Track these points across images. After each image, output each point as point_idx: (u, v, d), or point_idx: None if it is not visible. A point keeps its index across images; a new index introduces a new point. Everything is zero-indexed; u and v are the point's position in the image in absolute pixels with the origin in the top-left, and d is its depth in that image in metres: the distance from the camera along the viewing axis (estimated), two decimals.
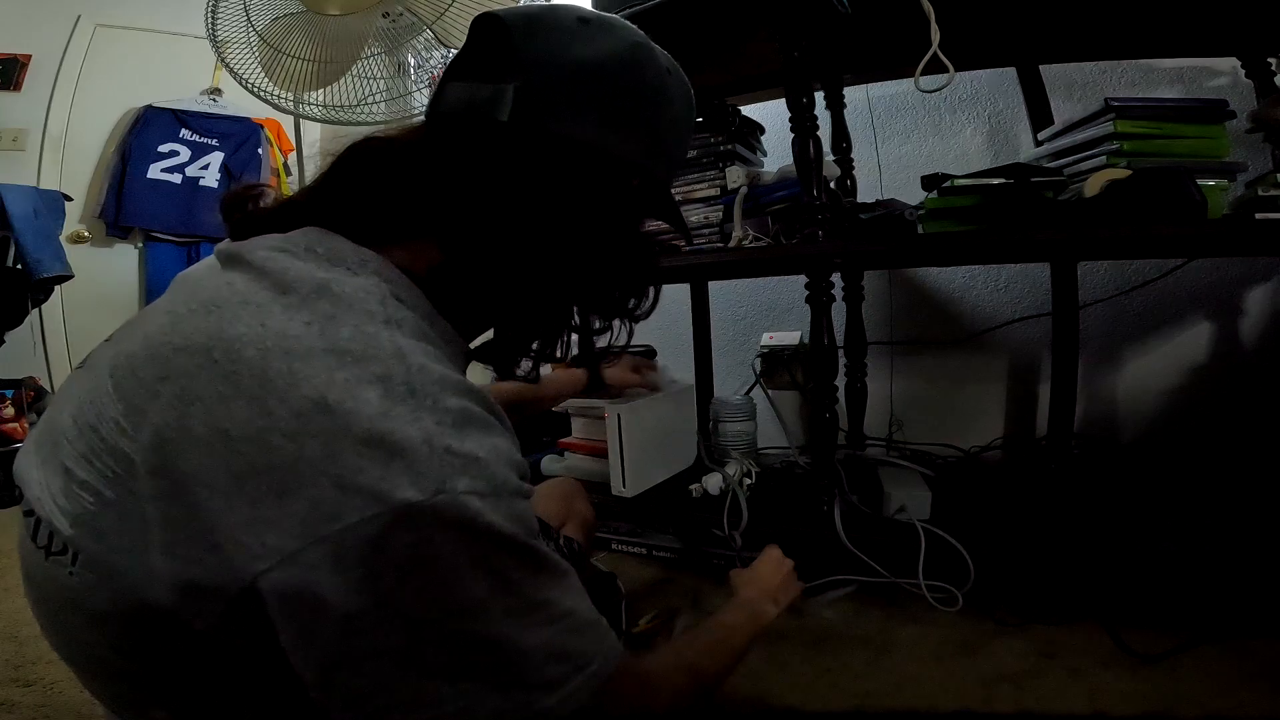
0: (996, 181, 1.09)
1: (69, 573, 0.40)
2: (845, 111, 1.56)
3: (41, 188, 2.30)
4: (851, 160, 1.58)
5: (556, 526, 0.91)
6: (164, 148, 2.55)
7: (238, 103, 2.55)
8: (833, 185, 1.37)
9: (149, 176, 2.52)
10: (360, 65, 1.32)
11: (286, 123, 2.48)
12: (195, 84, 2.63)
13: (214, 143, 2.61)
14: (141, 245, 2.58)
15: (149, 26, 2.56)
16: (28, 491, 0.44)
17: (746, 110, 1.43)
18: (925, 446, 1.55)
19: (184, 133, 2.59)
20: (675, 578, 1.24)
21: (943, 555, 1.03)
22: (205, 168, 2.59)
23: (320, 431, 0.37)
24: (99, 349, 0.49)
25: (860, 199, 1.52)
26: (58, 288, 2.23)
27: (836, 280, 1.16)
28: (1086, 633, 0.92)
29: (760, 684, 0.89)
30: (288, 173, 2.70)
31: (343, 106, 1.35)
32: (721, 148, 1.33)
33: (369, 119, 1.38)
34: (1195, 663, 0.85)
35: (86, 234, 2.51)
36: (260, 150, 2.68)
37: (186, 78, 2.60)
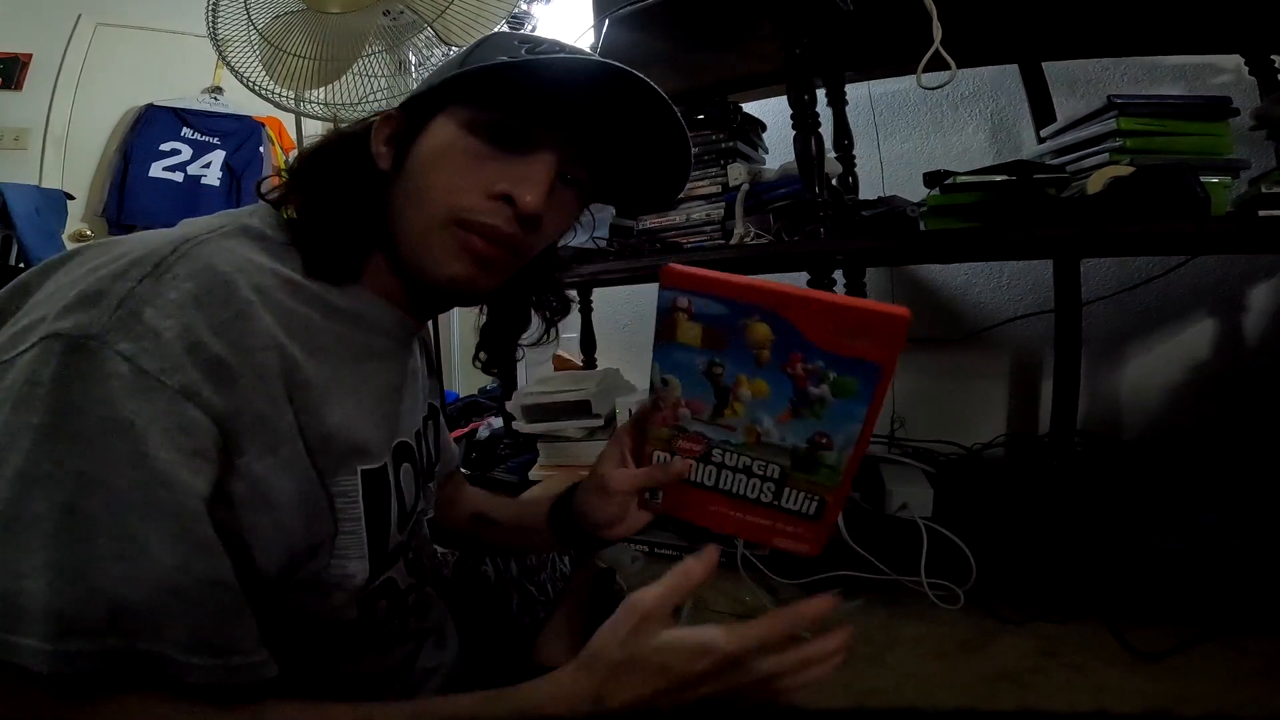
0: (999, 178, 1.09)
1: None
2: (847, 108, 1.56)
3: (43, 186, 2.30)
4: (853, 157, 1.57)
5: None
6: (165, 146, 2.55)
7: (239, 101, 2.55)
8: (834, 182, 1.37)
9: (150, 175, 2.52)
10: (361, 63, 1.32)
11: (288, 121, 2.48)
12: (196, 83, 2.63)
13: (215, 141, 2.61)
14: None
15: (150, 25, 2.56)
16: None
17: (748, 107, 1.43)
18: (927, 444, 1.55)
19: (185, 131, 2.59)
20: None
21: (945, 553, 1.03)
22: (207, 166, 2.59)
23: (72, 284, 0.39)
24: None
25: (862, 196, 1.52)
26: None
27: (838, 277, 1.16)
28: (1089, 630, 0.92)
29: None
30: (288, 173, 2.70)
31: (344, 104, 1.35)
32: (723, 145, 1.33)
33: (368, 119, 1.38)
34: (1197, 660, 0.84)
35: (89, 232, 2.51)
36: (262, 149, 2.68)
37: (188, 76, 2.60)
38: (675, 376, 0.48)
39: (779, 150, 1.46)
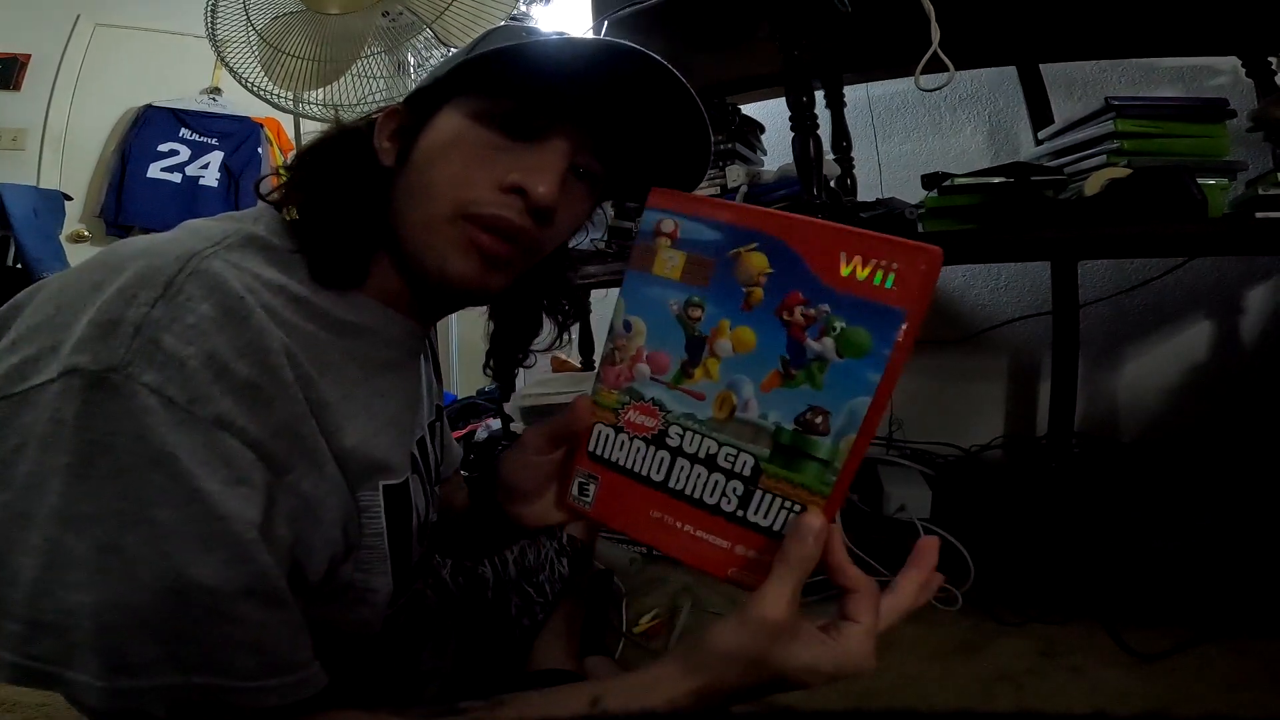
0: (997, 180, 1.09)
1: None
2: (845, 110, 1.56)
3: (41, 187, 2.30)
4: (852, 159, 1.57)
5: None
6: (164, 147, 2.55)
7: (237, 102, 2.55)
8: (833, 184, 1.37)
9: (149, 176, 2.52)
10: (360, 64, 1.32)
11: (286, 122, 2.47)
12: (195, 83, 2.63)
13: (214, 142, 2.61)
14: None
15: (149, 26, 2.56)
16: None
17: (746, 109, 1.43)
18: (925, 445, 1.55)
19: (184, 132, 2.59)
20: (676, 577, 1.24)
21: (943, 554, 1.02)
22: (205, 167, 2.59)
23: (74, 305, 0.38)
24: None
25: (860, 198, 1.52)
26: None
27: None
28: (1086, 632, 0.92)
29: None
30: (288, 172, 2.70)
31: (343, 105, 1.35)
32: (722, 146, 1.33)
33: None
34: (1195, 662, 0.85)
35: (86, 233, 2.51)
36: (260, 149, 2.68)
37: (186, 77, 2.60)
38: (641, 318, 0.40)
39: (777, 152, 1.46)
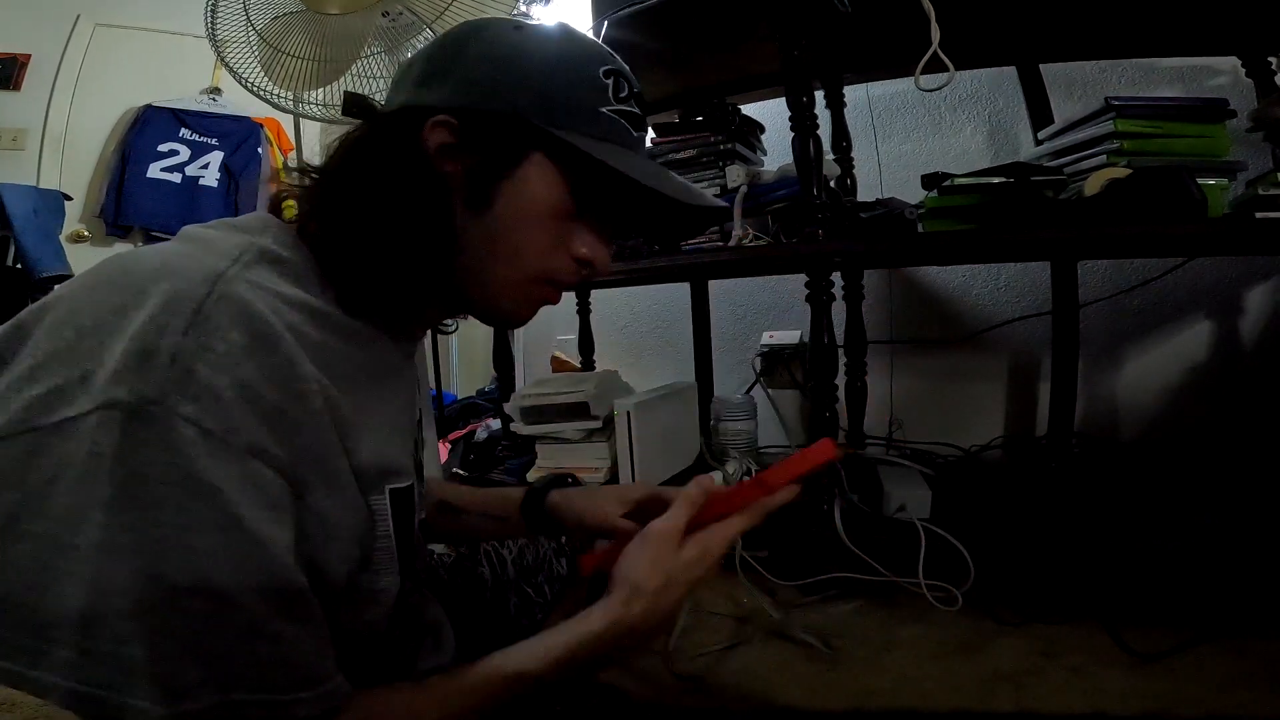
0: (997, 180, 1.09)
1: None
2: (845, 110, 1.56)
3: (41, 187, 2.30)
4: (851, 159, 1.57)
5: None
6: (164, 147, 2.55)
7: (237, 102, 2.56)
8: (833, 184, 1.37)
9: (149, 176, 2.53)
10: (360, 64, 1.32)
11: (286, 122, 2.48)
12: (195, 83, 2.64)
13: (214, 142, 2.61)
14: (141, 244, 2.58)
15: (148, 26, 2.56)
16: None
17: (746, 109, 1.43)
18: (925, 445, 1.55)
19: (184, 132, 2.59)
20: None
21: (943, 554, 1.03)
22: (205, 167, 2.59)
23: (98, 330, 0.38)
24: None
25: (860, 198, 1.52)
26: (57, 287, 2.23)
27: (836, 279, 1.16)
28: (1086, 632, 0.92)
29: (759, 682, 0.89)
30: (288, 172, 2.70)
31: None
32: (721, 147, 1.33)
33: None
34: (1195, 662, 0.84)
35: (86, 233, 2.51)
36: (260, 149, 2.68)
37: (186, 77, 2.60)
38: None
39: (777, 152, 1.46)
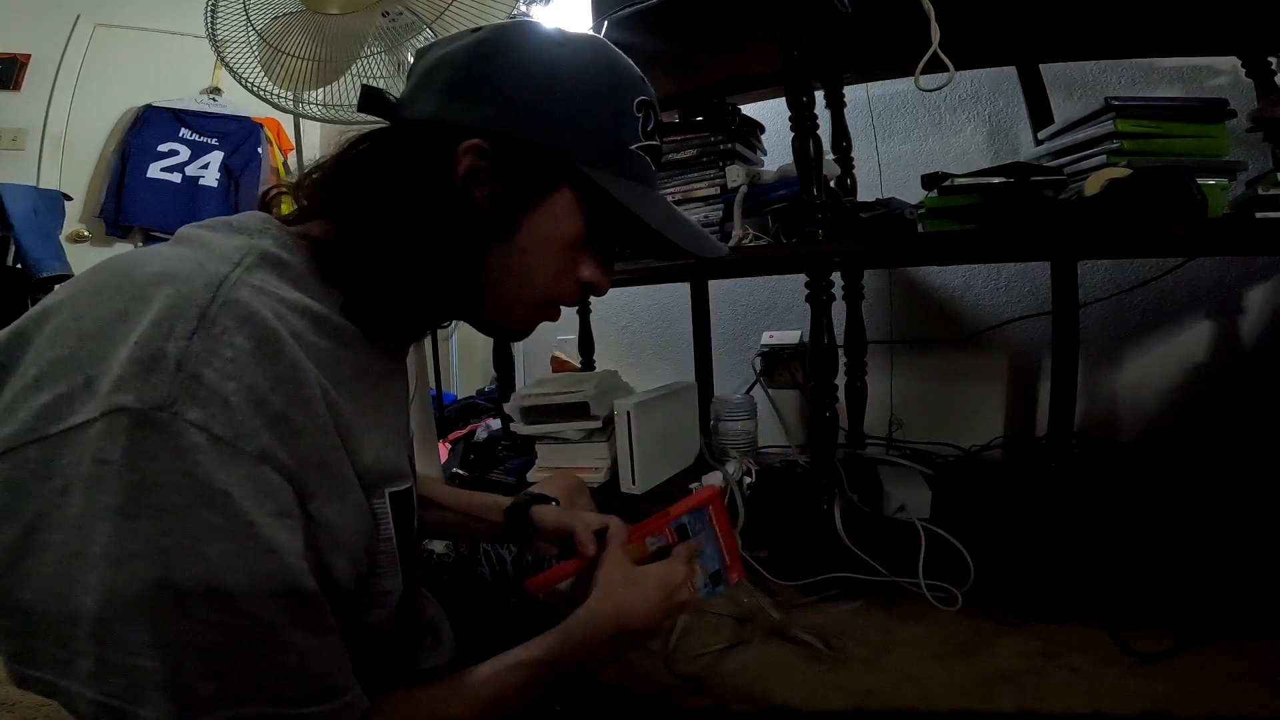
0: (997, 180, 1.09)
1: None
2: (845, 110, 1.56)
3: (41, 187, 2.30)
4: (851, 159, 1.58)
5: None
6: (164, 147, 2.55)
7: (237, 102, 2.55)
8: (833, 184, 1.37)
9: (149, 176, 2.52)
10: (360, 64, 1.32)
11: (286, 122, 2.48)
12: (195, 83, 2.63)
13: (214, 142, 2.61)
14: (141, 244, 2.58)
15: (148, 26, 2.55)
16: None
17: (746, 109, 1.43)
18: (925, 445, 1.55)
19: (184, 132, 2.58)
20: None
21: (943, 554, 1.03)
22: (205, 167, 2.59)
23: (101, 336, 0.37)
24: None
25: (860, 198, 1.52)
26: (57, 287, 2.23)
27: (836, 279, 1.16)
28: (1086, 632, 0.92)
29: (760, 683, 0.89)
30: (288, 172, 2.70)
31: (342, 106, 1.35)
32: (721, 147, 1.33)
33: (369, 119, 1.38)
34: (1195, 662, 0.85)
35: (86, 233, 2.51)
36: (260, 149, 2.68)
37: (186, 77, 2.60)
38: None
39: (777, 152, 1.46)
